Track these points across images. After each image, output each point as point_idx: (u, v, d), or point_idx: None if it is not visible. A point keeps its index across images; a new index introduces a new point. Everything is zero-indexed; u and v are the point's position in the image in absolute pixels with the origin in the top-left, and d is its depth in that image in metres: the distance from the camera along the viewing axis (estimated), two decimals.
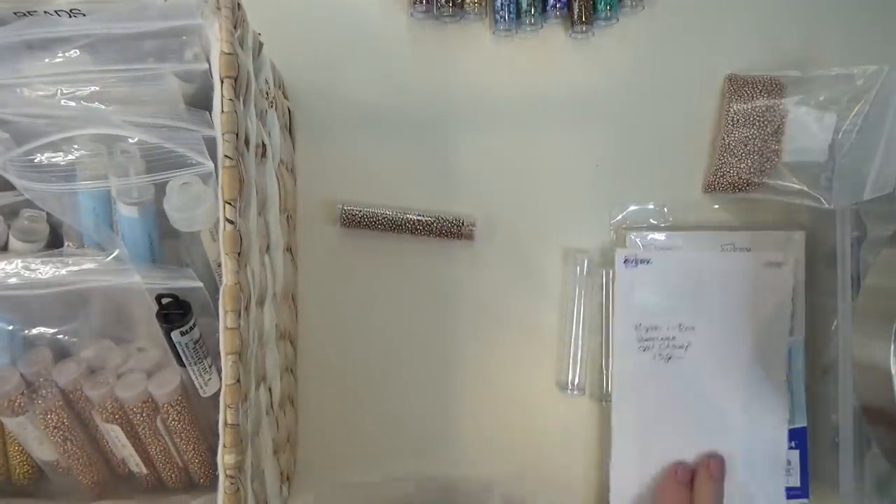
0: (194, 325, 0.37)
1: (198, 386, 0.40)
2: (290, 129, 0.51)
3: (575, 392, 0.53)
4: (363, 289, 0.53)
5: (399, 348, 0.53)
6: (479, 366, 0.53)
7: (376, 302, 0.53)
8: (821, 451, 0.52)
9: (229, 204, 0.33)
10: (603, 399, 0.53)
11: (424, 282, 0.53)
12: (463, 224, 0.52)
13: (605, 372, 0.53)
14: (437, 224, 0.52)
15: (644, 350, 0.49)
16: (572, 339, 0.53)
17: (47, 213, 0.40)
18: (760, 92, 0.50)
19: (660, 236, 0.52)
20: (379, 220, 0.52)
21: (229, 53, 0.32)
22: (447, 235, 0.52)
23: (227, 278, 0.33)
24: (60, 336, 0.40)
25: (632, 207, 0.53)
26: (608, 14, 0.50)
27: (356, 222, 0.52)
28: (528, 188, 0.53)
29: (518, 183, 0.53)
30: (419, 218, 0.52)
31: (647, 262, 0.47)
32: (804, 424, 0.52)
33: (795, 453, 0.52)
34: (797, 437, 0.53)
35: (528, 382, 0.53)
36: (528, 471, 0.54)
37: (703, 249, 0.52)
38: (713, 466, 0.50)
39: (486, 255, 0.53)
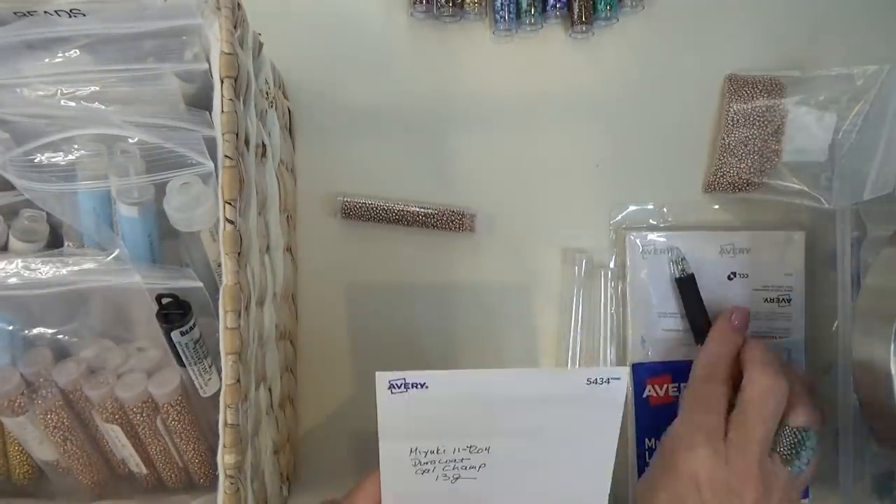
0: (194, 325, 0.37)
1: (198, 386, 0.40)
2: (290, 129, 0.51)
3: None
4: (363, 288, 0.53)
5: (399, 346, 0.53)
6: (478, 362, 0.53)
7: (376, 298, 0.53)
8: (821, 451, 0.52)
9: (229, 204, 0.33)
10: None
11: (424, 278, 0.53)
12: (464, 215, 0.52)
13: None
14: (438, 216, 0.52)
15: (423, 473, 0.40)
16: (570, 338, 0.53)
17: (47, 213, 0.40)
18: (760, 92, 0.50)
19: (660, 237, 0.52)
20: (379, 211, 0.52)
21: (229, 53, 0.32)
22: (448, 227, 0.52)
23: (227, 278, 0.33)
24: (60, 336, 0.40)
25: (631, 207, 0.53)
26: (608, 14, 0.50)
27: (357, 215, 0.52)
28: (528, 188, 0.53)
29: (518, 183, 0.53)
30: (420, 210, 0.52)
31: (422, 386, 0.37)
32: None
33: None
34: None
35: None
36: None
37: (701, 250, 0.52)
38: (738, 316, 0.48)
39: (486, 252, 0.53)
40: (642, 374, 0.52)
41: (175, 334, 0.37)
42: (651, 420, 0.52)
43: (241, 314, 0.33)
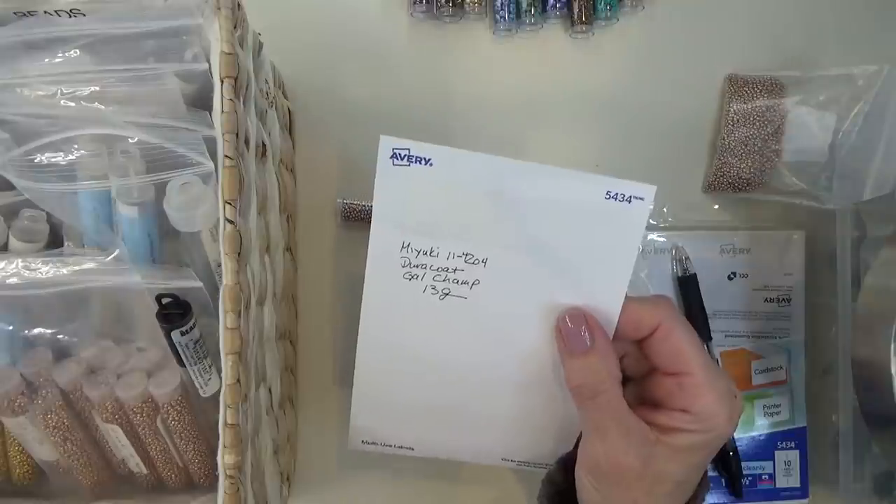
0: (194, 325, 0.37)
1: (198, 386, 0.40)
2: (290, 129, 0.51)
3: None
4: (363, 287, 0.53)
5: None
6: None
7: None
8: (821, 451, 0.52)
9: (229, 204, 0.33)
10: None
11: None
12: None
13: None
14: None
15: (410, 279, 0.34)
16: None
17: (47, 213, 0.40)
18: (760, 92, 0.50)
19: (660, 237, 0.52)
20: None
21: (229, 53, 0.32)
22: None
23: (227, 278, 0.33)
24: (60, 336, 0.40)
25: None
26: (608, 14, 0.50)
27: (357, 216, 0.52)
28: None
29: None
30: None
31: (427, 162, 0.32)
32: (804, 424, 0.52)
33: (795, 453, 0.52)
34: (797, 437, 0.53)
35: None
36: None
37: (701, 250, 0.52)
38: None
39: None
40: None
41: (175, 334, 0.37)
42: None
43: (241, 314, 0.33)
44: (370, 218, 0.51)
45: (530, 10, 0.50)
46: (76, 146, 0.37)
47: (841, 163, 0.50)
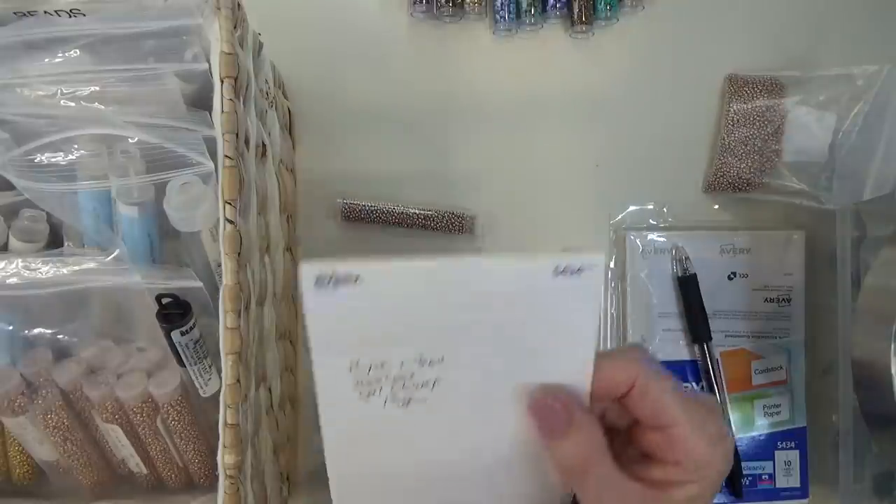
0: (194, 325, 0.37)
1: (198, 386, 0.40)
2: (290, 129, 0.51)
3: None
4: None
5: None
6: None
7: None
8: (821, 451, 0.52)
9: (229, 204, 0.33)
10: None
11: None
12: (464, 217, 0.52)
13: None
14: (438, 218, 0.52)
15: (368, 397, 0.32)
16: None
17: (47, 213, 0.40)
18: (760, 92, 0.50)
19: (660, 237, 0.52)
20: (379, 213, 0.52)
21: (229, 53, 0.32)
22: (448, 230, 0.52)
23: (227, 278, 0.33)
24: (60, 336, 0.40)
25: (631, 207, 0.53)
26: (608, 14, 0.50)
27: (357, 216, 0.52)
28: (528, 188, 0.53)
29: (518, 183, 0.53)
30: (420, 212, 0.52)
31: (356, 280, 0.29)
32: (804, 424, 0.52)
33: (795, 453, 0.52)
34: (797, 437, 0.53)
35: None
36: None
37: (701, 250, 0.52)
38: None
39: (486, 252, 0.53)
40: None
41: (175, 334, 0.37)
42: None
43: (241, 314, 0.33)
44: (370, 218, 0.52)
45: (530, 10, 0.50)
46: (76, 146, 0.37)
47: (841, 163, 0.50)
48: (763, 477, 0.52)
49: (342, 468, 0.35)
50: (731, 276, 0.52)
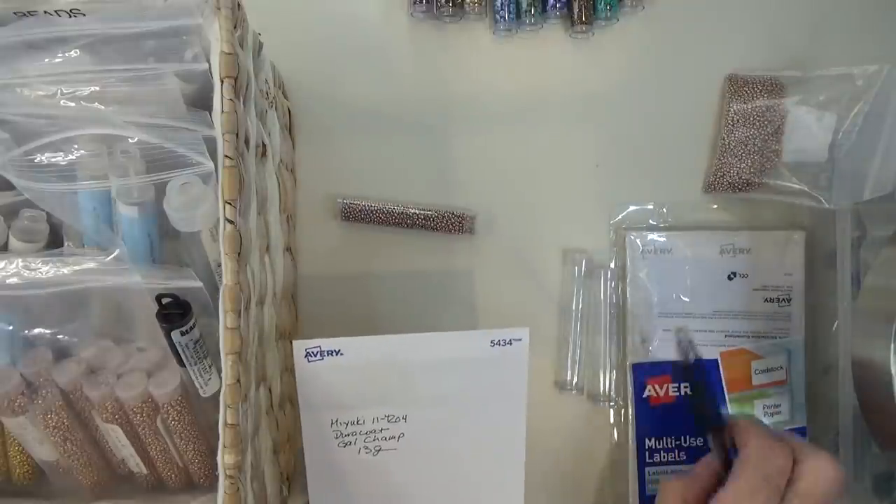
0: (194, 325, 0.37)
1: (198, 386, 0.40)
2: (290, 129, 0.51)
3: (573, 391, 0.53)
4: (363, 287, 0.53)
5: None
6: None
7: (376, 299, 0.53)
8: None
9: (229, 204, 0.33)
10: (601, 400, 0.53)
11: (424, 280, 0.53)
12: (464, 217, 0.52)
13: (603, 372, 0.53)
14: (438, 218, 0.52)
15: (345, 446, 0.41)
16: (570, 339, 0.53)
17: (47, 213, 0.40)
18: (760, 92, 0.50)
19: (660, 237, 0.52)
20: (379, 213, 0.52)
21: (229, 53, 0.32)
22: (447, 230, 0.52)
23: (227, 278, 0.33)
24: (60, 336, 0.40)
25: (632, 207, 0.53)
26: (608, 14, 0.50)
27: (357, 216, 0.52)
28: (528, 188, 0.53)
29: (518, 183, 0.53)
30: (420, 212, 0.52)
31: (337, 353, 0.39)
32: (804, 424, 0.52)
33: None
34: (797, 437, 0.52)
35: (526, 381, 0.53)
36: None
37: (701, 250, 0.52)
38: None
39: (486, 252, 0.53)
40: (642, 374, 0.52)
41: (175, 334, 0.37)
42: (651, 420, 0.52)
43: (241, 314, 0.33)
44: (370, 218, 0.52)
45: (530, 10, 0.50)
46: (76, 146, 0.37)
47: (841, 163, 0.50)
48: None
49: (322, 501, 0.43)
50: (732, 275, 0.52)
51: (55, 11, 0.34)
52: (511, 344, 0.40)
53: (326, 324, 0.53)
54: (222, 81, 0.32)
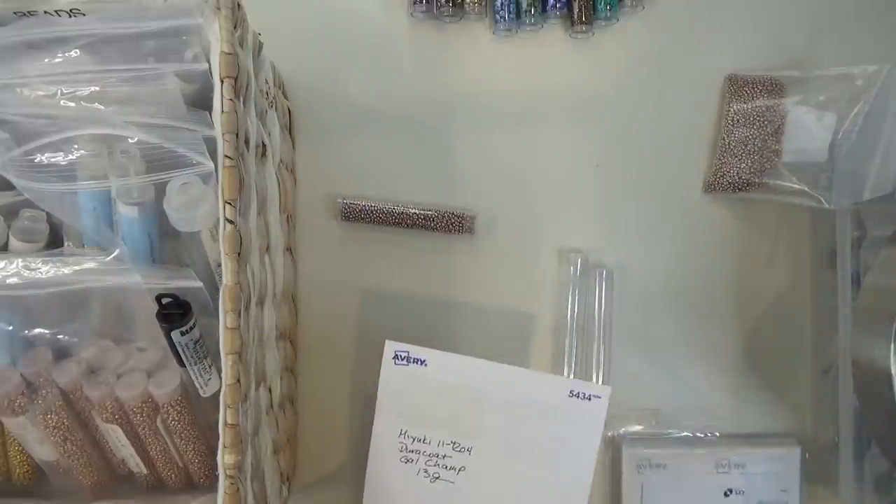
0: (194, 325, 0.37)
1: (198, 386, 0.40)
2: (290, 129, 0.51)
3: None
4: (363, 287, 0.53)
5: None
6: None
7: (376, 299, 0.53)
8: (821, 451, 0.52)
9: (229, 204, 0.33)
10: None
11: (424, 280, 0.53)
12: (463, 217, 0.52)
13: (597, 372, 0.52)
14: (438, 218, 0.52)
15: (406, 462, 0.41)
16: (567, 339, 0.53)
17: (47, 213, 0.40)
18: (760, 92, 0.50)
19: (654, 450, 0.51)
20: (379, 213, 0.52)
21: (229, 53, 0.32)
22: (447, 230, 0.52)
23: (227, 278, 0.33)
24: (60, 336, 0.40)
25: (631, 207, 0.53)
26: (608, 14, 0.50)
27: (357, 216, 0.52)
28: (528, 188, 0.53)
29: (518, 183, 0.53)
30: (420, 212, 0.52)
31: (423, 363, 0.39)
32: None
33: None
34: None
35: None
36: None
37: (697, 468, 0.51)
38: None
39: (485, 252, 0.53)
40: None
41: (175, 334, 0.37)
42: None
43: (241, 314, 0.33)
44: (370, 218, 0.52)
45: (530, 10, 0.50)
46: (76, 146, 0.37)
47: (841, 163, 0.50)
48: None
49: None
50: (728, 492, 0.52)
51: (55, 11, 0.34)
52: (590, 400, 0.39)
53: (326, 324, 0.53)
54: (222, 81, 0.32)
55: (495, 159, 0.53)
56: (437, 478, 0.41)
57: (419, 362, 0.39)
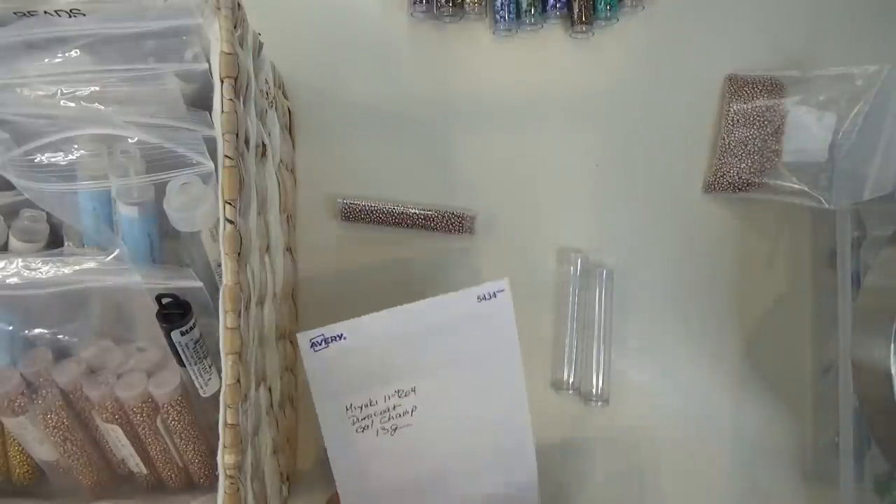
0: (194, 325, 0.37)
1: (198, 386, 0.40)
2: (290, 129, 0.51)
3: (570, 391, 0.53)
4: (363, 287, 0.53)
5: None
6: None
7: (376, 299, 0.53)
8: (821, 451, 0.52)
9: (229, 204, 0.33)
10: (596, 399, 0.53)
11: (423, 280, 0.53)
12: (463, 217, 0.52)
13: (597, 372, 0.52)
14: (438, 218, 0.52)
15: (363, 431, 0.41)
16: (567, 339, 0.53)
17: (47, 213, 0.40)
18: (760, 92, 0.50)
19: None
20: (379, 213, 0.52)
21: (229, 53, 0.32)
22: (448, 230, 0.52)
23: (227, 278, 0.33)
24: (60, 336, 0.40)
25: (632, 207, 0.53)
26: (608, 14, 0.50)
27: (357, 216, 0.52)
28: (528, 188, 0.53)
29: (518, 183, 0.53)
30: (420, 212, 0.52)
31: (341, 338, 0.40)
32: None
33: None
34: None
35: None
36: None
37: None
38: None
39: (485, 252, 0.53)
40: None
41: (175, 334, 0.37)
42: None
43: (241, 314, 0.33)
44: (370, 218, 0.52)
45: (530, 10, 0.50)
46: (76, 146, 0.37)
47: (841, 163, 0.50)
48: None
49: (351, 490, 0.43)
50: None
51: (55, 11, 0.34)
52: (496, 296, 0.41)
53: (326, 324, 0.53)
54: (222, 81, 0.32)
55: (495, 159, 0.53)
56: (396, 428, 0.42)
57: (337, 339, 0.40)
